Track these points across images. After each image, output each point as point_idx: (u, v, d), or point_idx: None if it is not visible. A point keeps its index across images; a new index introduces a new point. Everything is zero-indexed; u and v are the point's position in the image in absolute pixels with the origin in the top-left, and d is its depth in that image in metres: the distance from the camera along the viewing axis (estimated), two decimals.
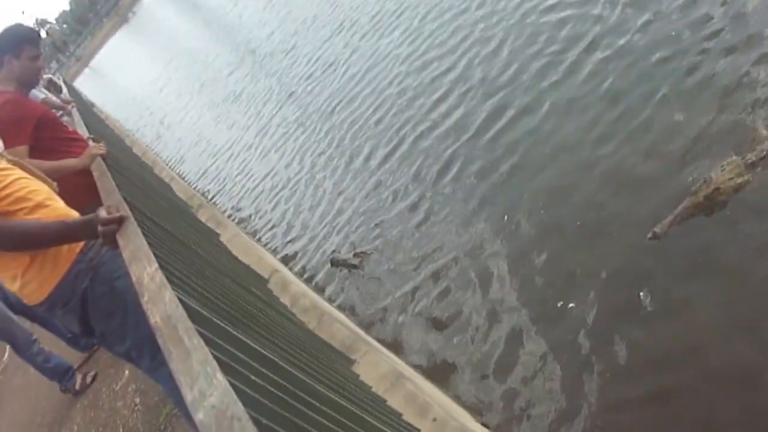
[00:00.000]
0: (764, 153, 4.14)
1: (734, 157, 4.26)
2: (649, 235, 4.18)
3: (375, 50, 11.79)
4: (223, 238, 7.04)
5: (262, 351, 1.97)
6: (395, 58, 10.73)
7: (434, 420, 3.43)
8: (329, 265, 7.16)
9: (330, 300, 6.66)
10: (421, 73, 9.51)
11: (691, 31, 5.65)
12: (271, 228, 9.40)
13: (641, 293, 4.06)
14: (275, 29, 19.70)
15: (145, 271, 2.10)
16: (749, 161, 4.16)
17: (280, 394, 1.68)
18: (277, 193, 10.20)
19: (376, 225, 7.16)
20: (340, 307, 6.45)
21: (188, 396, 1.29)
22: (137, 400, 5.73)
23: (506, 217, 5.61)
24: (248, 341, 1.95)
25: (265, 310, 3.54)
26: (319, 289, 7.01)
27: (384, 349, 5.19)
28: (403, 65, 10.24)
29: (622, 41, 6.31)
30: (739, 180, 4.11)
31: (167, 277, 2.02)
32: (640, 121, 5.34)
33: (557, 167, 5.66)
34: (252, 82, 17.13)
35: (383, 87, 10.18)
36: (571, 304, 4.45)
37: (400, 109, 9.03)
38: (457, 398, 4.54)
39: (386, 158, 8.20)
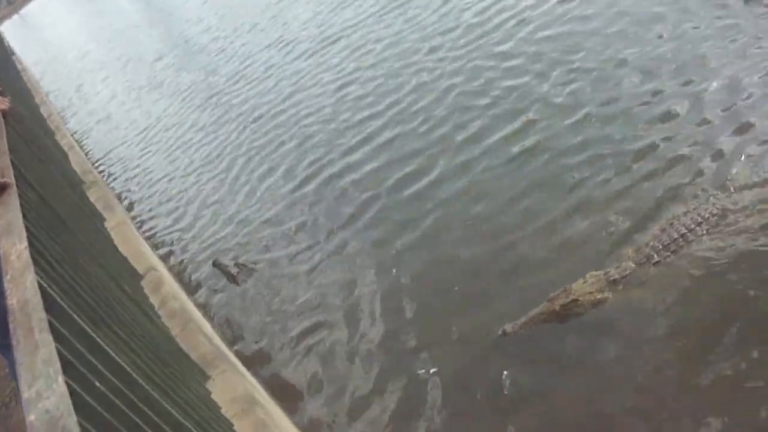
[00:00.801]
0: (627, 273, 4.27)
1: (598, 271, 4.34)
2: (500, 332, 4.28)
3: (309, 72, 11.64)
4: (108, 224, 6.85)
5: (115, 357, 1.93)
6: (328, 85, 10.60)
7: None
8: (211, 265, 7.10)
9: (202, 307, 6.55)
10: (351, 106, 9.43)
11: (626, 138, 5.85)
12: (159, 223, 9.16)
13: (504, 374, 4.22)
14: (213, 26, 19.27)
15: (14, 247, 2.03)
16: (612, 278, 4.25)
17: (122, 406, 1.65)
18: (174, 191, 9.96)
19: (270, 247, 7.09)
20: (209, 317, 6.35)
21: (25, 394, 1.25)
22: None
23: (393, 271, 5.72)
24: (103, 344, 1.91)
25: (130, 309, 3.46)
26: (192, 294, 6.89)
27: (244, 370, 5.15)
28: (334, 95, 10.11)
29: (552, 128, 6.54)
30: (599, 296, 4.20)
31: (35, 259, 1.96)
32: (533, 213, 5.55)
33: (455, 238, 5.79)
34: (177, 73, 16.70)
35: (310, 111, 10.02)
36: (433, 369, 4.57)
37: (322, 139, 8.94)
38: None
39: (298, 185, 8.09)
